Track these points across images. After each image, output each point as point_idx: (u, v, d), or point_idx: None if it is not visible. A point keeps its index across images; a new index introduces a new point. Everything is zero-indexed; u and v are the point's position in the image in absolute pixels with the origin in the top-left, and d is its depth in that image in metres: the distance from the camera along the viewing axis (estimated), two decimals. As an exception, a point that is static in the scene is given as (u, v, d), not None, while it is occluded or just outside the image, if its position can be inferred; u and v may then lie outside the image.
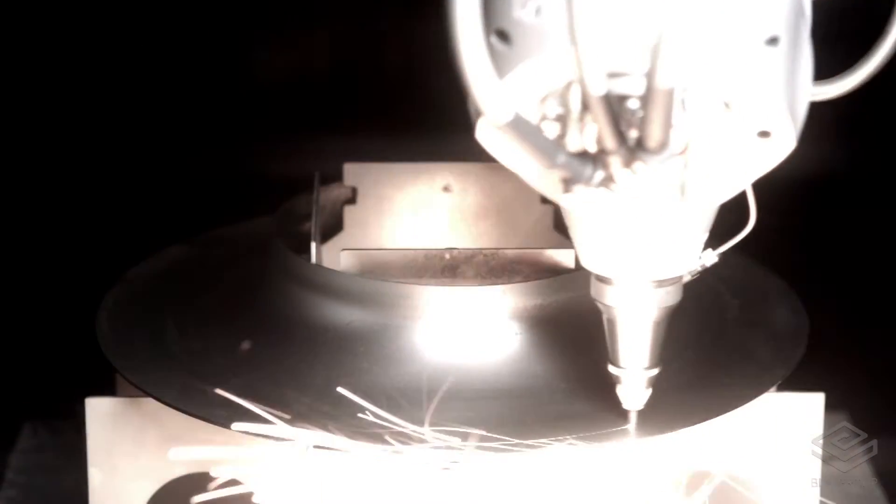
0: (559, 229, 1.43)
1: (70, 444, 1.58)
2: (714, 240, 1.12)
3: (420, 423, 1.10)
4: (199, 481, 1.24)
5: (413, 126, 1.75)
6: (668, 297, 1.09)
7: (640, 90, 0.91)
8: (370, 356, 1.17)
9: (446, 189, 1.43)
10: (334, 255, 1.26)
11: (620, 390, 1.13)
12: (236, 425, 1.11)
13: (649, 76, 0.89)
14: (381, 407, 1.09)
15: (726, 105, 0.94)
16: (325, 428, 1.11)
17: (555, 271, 1.22)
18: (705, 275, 1.34)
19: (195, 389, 1.16)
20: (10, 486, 1.54)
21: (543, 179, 1.01)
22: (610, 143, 0.92)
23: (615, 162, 0.93)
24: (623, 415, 1.12)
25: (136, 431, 1.19)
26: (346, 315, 1.18)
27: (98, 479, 1.20)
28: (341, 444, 1.10)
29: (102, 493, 1.21)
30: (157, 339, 1.24)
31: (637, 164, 0.94)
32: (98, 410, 1.20)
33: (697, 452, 1.21)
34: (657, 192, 0.98)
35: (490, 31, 0.93)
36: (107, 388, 1.25)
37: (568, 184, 0.96)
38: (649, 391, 1.13)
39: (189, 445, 1.19)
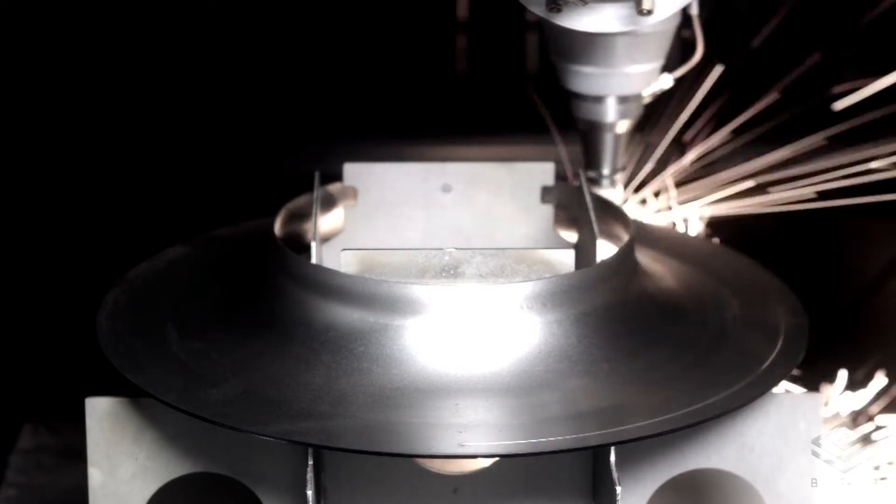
0: (559, 229, 1.43)
1: (70, 444, 1.58)
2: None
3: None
4: (199, 481, 1.24)
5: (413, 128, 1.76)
6: (632, 110, 1.42)
7: None
8: (370, 356, 1.17)
9: (446, 189, 1.43)
10: (334, 255, 1.26)
11: (598, 190, 1.44)
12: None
13: None
14: None
15: None
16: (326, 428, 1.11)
17: (555, 271, 1.22)
18: (705, 274, 1.35)
19: (195, 389, 1.16)
20: (10, 486, 1.54)
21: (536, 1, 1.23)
22: None
23: None
24: None
25: (136, 431, 1.20)
26: (346, 315, 1.18)
27: (98, 479, 1.20)
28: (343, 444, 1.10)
29: (102, 493, 1.21)
30: (157, 339, 1.24)
31: None
32: (98, 410, 1.20)
33: (697, 452, 1.21)
34: (620, 8, 1.22)
35: None
36: (107, 388, 1.25)
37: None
38: (618, 191, 1.47)
39: (188, 446, 1.19)
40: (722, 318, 1.28)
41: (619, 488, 1.12)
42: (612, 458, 1.14)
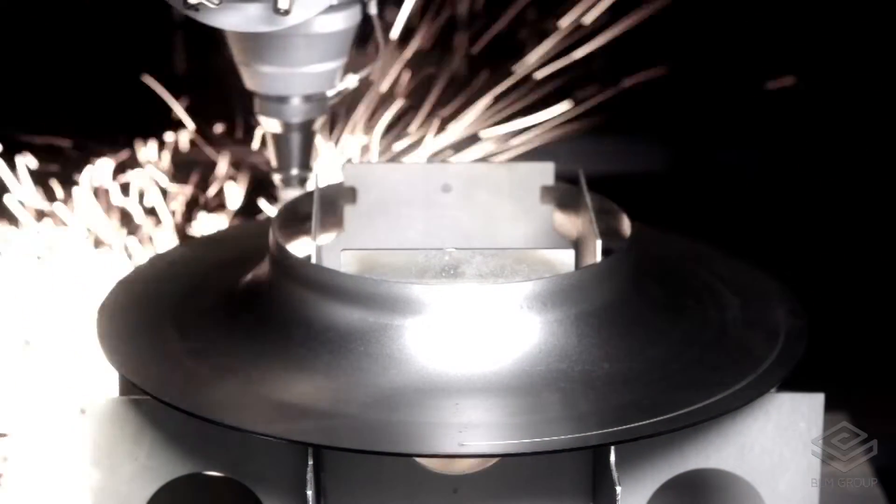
0: (559, 229, 1.43)
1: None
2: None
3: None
4: (199, 481, 1.24)
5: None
6: (317, 110, 1.41)
7: None
8: (370, 356, 1.17)
9: (446, 189, 1.43)
10: (334, 255, 1.26)
11: (283, 192, 1.44)
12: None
13: None
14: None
15: None
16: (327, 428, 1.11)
17: (555, 271, 1.22)
18: (706, 274, 1.35)
19: (195, 389, 1.16)
20: (11, 486, 1.54)
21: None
22: None
23: None
24: None
25: (136, 431, 1.19)
26: (346, 315, 1.18)
27: (98, 479, 1.20)
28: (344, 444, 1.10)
29: (102, 493, 1.20)
30: (157, 339, 1.24)
31: None
32: (98, 410, 1.20)
33: (698, 452, 1.21)
34: (256, 5, 1.21)
35: None
36: (107, 388, 1.25)
37: None
38: (303, 189, 1.43)
39: (188, 446, 1.19)
40: (722, 318, 1.28)
41: (619, 488, 1.12)
42: (612, 458, 1.14)
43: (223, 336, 1.23)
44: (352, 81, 1.43)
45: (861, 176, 1.74)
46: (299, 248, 1.30)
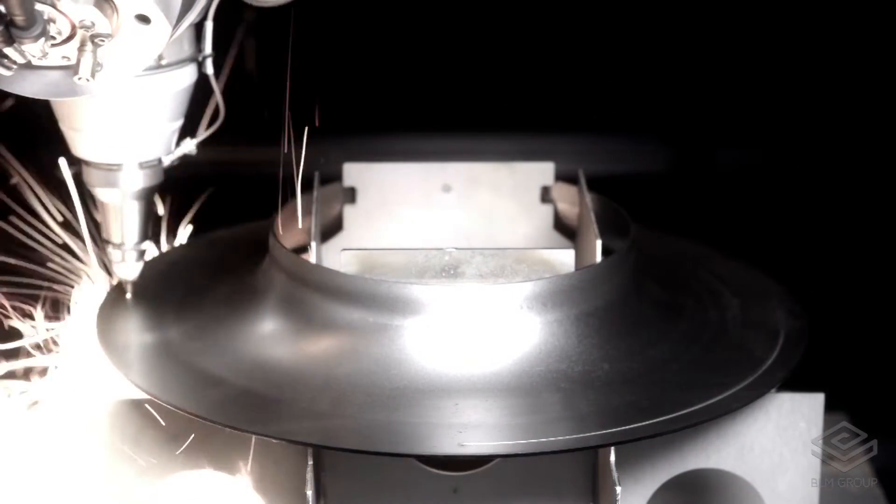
0: (559, 229, 1.43)
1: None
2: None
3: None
4: (207, 480, 1.24)
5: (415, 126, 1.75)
6: (149, 178, 1.29)
7: None
8: (370, 356, 1.17)
9: (446, 189, 1.43)
10: (334, 255, 1.26)
11: (117, 267, 1.31)
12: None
13: None
14: None
15: None
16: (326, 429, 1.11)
17: (555, 271, 1.22)
18: (706, 274, 1.35)
19: (195, 389, 1.16)
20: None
21: None
22: None
23: None
24: None
25: (136, 431, 1.20)
26: (346, 315, 1.18)
27: (98, 479, 1.20)
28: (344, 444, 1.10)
29: (103, 492, 1.21)
30: (157, 339, 1.24)
31: (19, 43, 1.04)
32: (98, 410, 1.20)
33: (697, 452, 1.21)
34: (59, 72, 1.10)
35: None
36: (107, 389, 1.25)
37: None
38: (141, 263, 1.32)
39: (188, 446, 1.19)
40: (722, 318, 1.28)
41: (618, 488, 1.12)
42: (612, 458, 1.14)
43: (223, 336, 1.23)
44: (189, 146, 1.32)
45: (861, 176, 1.74)
46: (299, 248, 1.30)
